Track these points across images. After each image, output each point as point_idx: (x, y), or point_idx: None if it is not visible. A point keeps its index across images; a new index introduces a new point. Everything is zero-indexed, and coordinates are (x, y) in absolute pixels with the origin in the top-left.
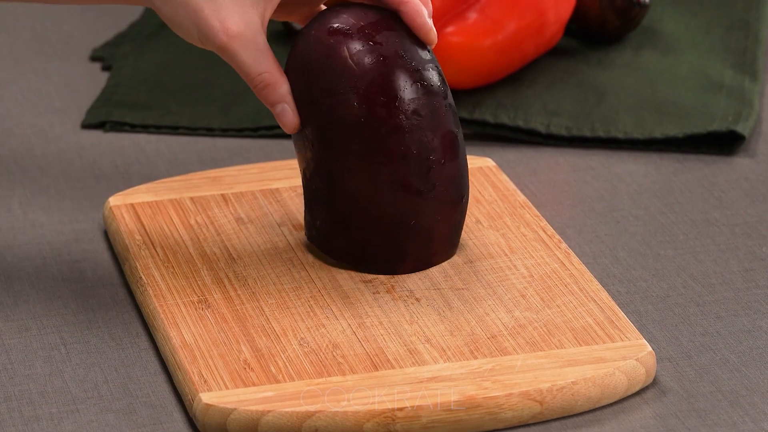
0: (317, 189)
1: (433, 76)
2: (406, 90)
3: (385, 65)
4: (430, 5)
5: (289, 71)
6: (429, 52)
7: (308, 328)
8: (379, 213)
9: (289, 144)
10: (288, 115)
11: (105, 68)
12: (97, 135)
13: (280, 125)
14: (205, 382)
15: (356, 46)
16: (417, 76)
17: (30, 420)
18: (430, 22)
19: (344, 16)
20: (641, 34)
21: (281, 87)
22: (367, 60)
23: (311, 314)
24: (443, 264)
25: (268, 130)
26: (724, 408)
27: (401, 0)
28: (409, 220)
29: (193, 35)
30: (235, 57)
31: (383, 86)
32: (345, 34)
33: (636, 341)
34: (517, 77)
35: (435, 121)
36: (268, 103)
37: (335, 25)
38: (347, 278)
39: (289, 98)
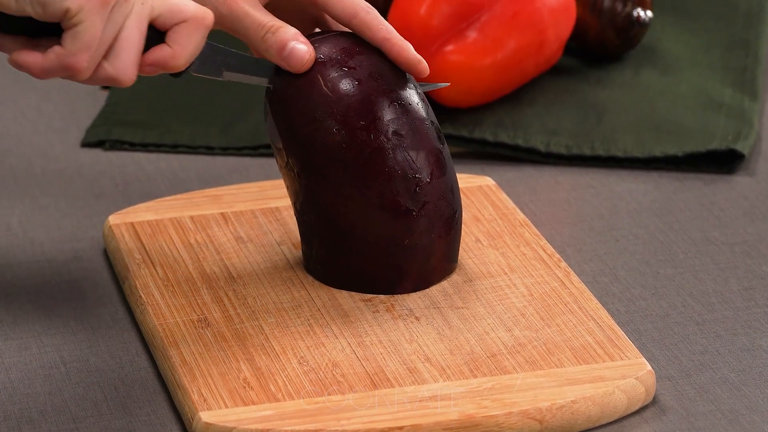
0: (309, 221)
1: (410, 95)
2: (384, 111)
3: (360, 89)
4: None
5: (268, 106)
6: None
7: (308, 347)
8: (372, 236)
9: None
10: (300, 48)
11: (104, 87)
12: (96, 153)
13: (293, 65)
14: (204, 400)
15: (330, 72)
16: (393, 96)
17: None
18: (417, 54)
19: (316, 45)
20: (641, 53)
21: (291, 28)
22: (342, 85)
23: (311, 333)
24: (443, 283)
25: (267, 148)
26: (723, 427)
27: (384, 37)
28: (404, 239)
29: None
30: (242, 10)
31: (360, 110)
32: (318, 63)
33: (635, 360)
34: (517, 96)
35: (417, 140)
36: (281, 43)
37: None
38: (347, 297)
39: (301, 36)
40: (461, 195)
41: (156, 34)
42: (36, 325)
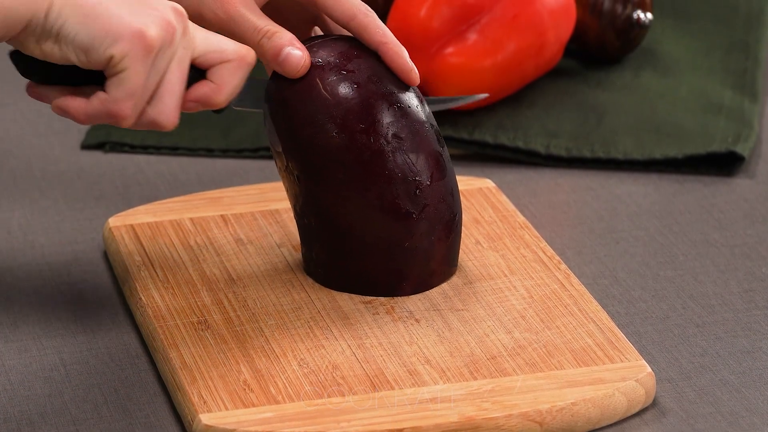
0: (309, 223)
1: (409, 98)
2: (383, 114)
3: (359, 92)
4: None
5: (267, 110)
6: None
7: (308, 349)
8: (372, 239)
9: None
10: (295, 54)
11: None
12: (96, 156)
13: (288, 71)
14: (204, 403)
15: (329, 76)
16: (393, 99)
17: None
18: (411, 62)
19: (314, 49)
20: (641, 55)
21: (288, 32)
22: (341, 89)
23: (311, 335)
24: (443, 285)
25: (267, 150)
26: (723, 429)
27: (381, 40)
28: (404, 242)
29: (188, 3)
30: (238, 14)
31: (360, 113)
32: (316, 67)
33: (635, 362)
34: (517, 98)
35: (417, 142)
36: (276, 48)
37: None
38: (347, 299)
39: (296, 41)
40: (461, 197)
41: (197, 72)
42: (36, 327)
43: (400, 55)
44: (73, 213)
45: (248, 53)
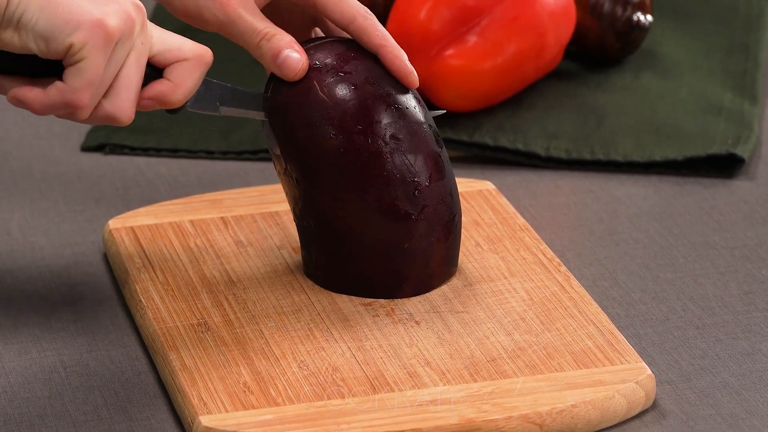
0: (309, 226)
1: (406, 99)
2: (381, 115)
3: (356, 94)
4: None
5: (265, 113)
6: None
7: (308, 351)
8: (372, 240)
9: None
10: (293, 57)
11: None
12: (96, 158)
13: (286, 73)
14: (204, 405)
15: (326, 78)
16: (390, 100)
17: None
18: (410, 65)
19: (312, 51)
20: (641, 57)
21: (287, 35)
22: (338, 90)
23: (311, 337)
24: (443, 287)
25: (267, 153)
26: (723, 431)
27: (380, 43)
28: (403, 243)
29: (190, 7)
30: (237, 15)
31: (357, 114)
32: (314, 69)
33: (635, 364)
34: (517, 100)
35: (415, 143)
36: (275, 51)
37: None
38: (347, 301)
39: (296, 43)
40: (461, 199)
41: (154, 70)
42: (36, 329)
43: (399, 57)
44: (73, 215)
45: (206, 53)
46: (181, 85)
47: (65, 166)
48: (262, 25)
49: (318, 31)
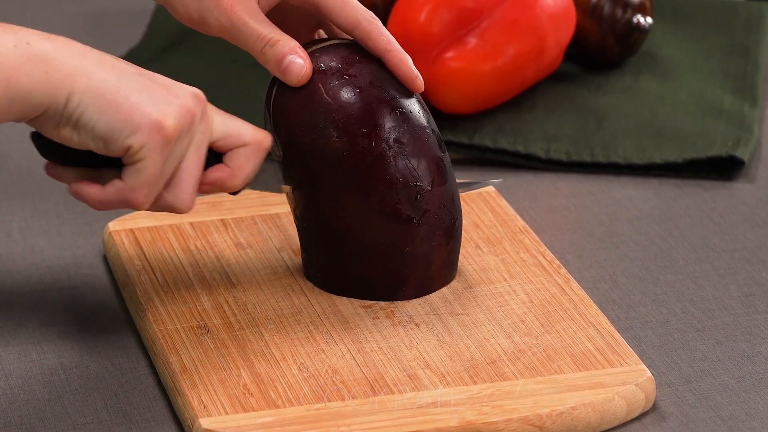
0: (310, 228)
1: (410, 103)
2: (385, 119)
3: (361, 97)
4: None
5: (268, 114)
6: None
7: (308, 354)
8: (373, 243)
9: None
10: (297, 62)
11: None
12: None
13: (290, 79)
14: (204, 407)
15: (331, 81)
16: (394, 104)
17: None
18: (415, 70)
19: (317, 54)
20: (641, 60)
21: (291, 40)
22: (343, 93)
23: (311, 339)
24: (442, 289)
25: (268, 155)
26: None
27: (385, 47)
28: (404, 247)
29: (192, 12)
30: (241, 21)
31: (361, 117)
32: (319, 72)
33: (635, 366)
34: (517, 102)
35: (418, 147)
36: (280, 56)
37: None
38: (347, 304)
39: (300, 49)
40: (461, 201)
41: (213, 155)
42: (36, 332)
43: (404, 62)
44: (73, 217)
45: (265, 138)
46: (240, 171)
47: None
48: (266, 30)
49: (322, 33)
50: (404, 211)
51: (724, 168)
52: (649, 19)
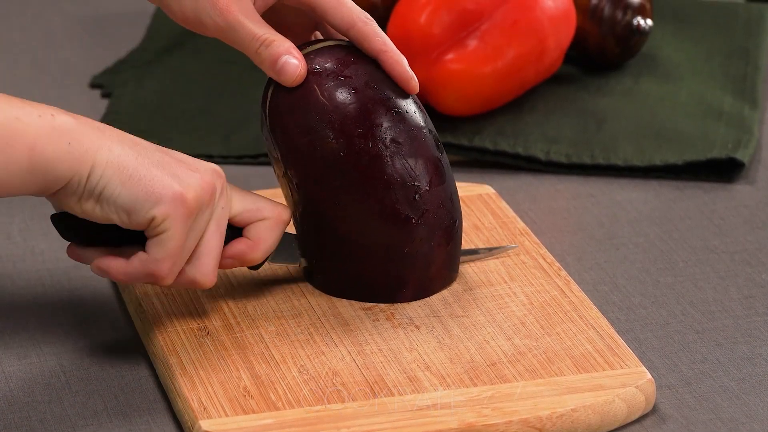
0: (308, 231)
1: (406, 104)
2: (381, 119)
3: (356, 97)
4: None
5: (264, 116)
6: None
7: (308, 356)
8: (372, 244)
9: None
10: (292, 63)
11: (104, 96)
12: None
13: (284, 79)
14: (204, 409)
15: (326, 82)
16: (390, 105)
17: None
18: (410, 71)
19: (312, 56)
20: (641, 62)
21: (286, 41)
22: (338, 94)
23: (311, 342)
24: (443, 291)
25: (267, 157)
26: None
27: (381, 48)
28: (403, 247)
29: (188, 13)
30: (237, 21)
31: (357, 118)
32: (314, 73)
33: (635, 368)
34: (517, 104)
35: (415, 147)
36: (275, 57)
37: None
38: (347, 306)
39: (295, 50)
40: (461, 203)
41: (233, 230)
42: (36, 334)
43: (399, 63)
44: None
45: (284, 212)
46: (260, 244)
47: None
48: (261, 31)
49: (318, 35)
50: (403, 211)
51: (724, 170)
52: (650, 21)
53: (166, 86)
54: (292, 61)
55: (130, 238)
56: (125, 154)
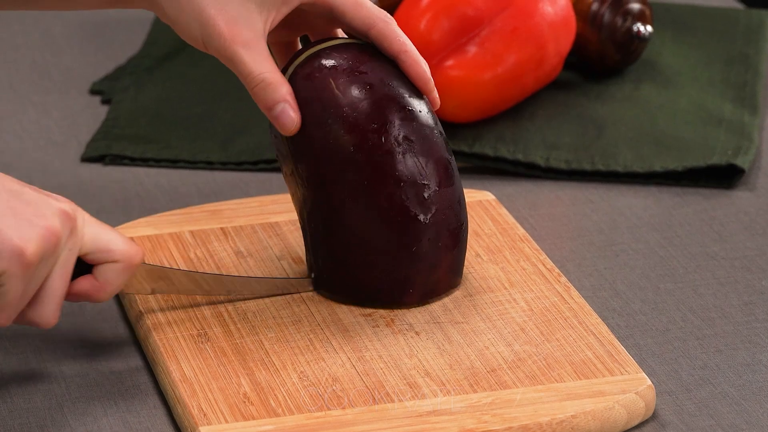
0: (315, 228)
1: (420, 104)
2: (395, 115)
3: (372, 93)
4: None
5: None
6: None
7: (308, 362)
8: (380, 242)
9: None
10: (288, 114)
11: (104, 101)
12: (96, 168)
13: (279, 127)
14: (204, 415)
15: (341, 76)
16: (404, 102)
17: None
18: (428, 72)
19: (328, 51)
20: (641, 68)
21: (283, 86)
22: (354, 89)
23: (311, 348)
24: (443, 298)
25: (267, 163)
26: None
27: (401, 49)
28: (411, 246)
29: (196, 36)
30: (237, 57)
31: (372, 113)
32: (330, 68)
33: (635, 375)
34: (517, 111)
35: (426, 147)
36: (269, 103)
37: (320, 62)
38: (347, 312)
39: (291, 98)
40: None
41: (83, 265)
42: (36, 340)
43: (419, 63)
44: None
45: (135, 255)
46: (107, 287)
47: (65, 176)
48: (260, 69)
49: (340, 32)
50: (412, 209)
51: (724, 176)
52: (649, 28)
53: (166, 92)
54: (289, 114)
55: None
56: None
